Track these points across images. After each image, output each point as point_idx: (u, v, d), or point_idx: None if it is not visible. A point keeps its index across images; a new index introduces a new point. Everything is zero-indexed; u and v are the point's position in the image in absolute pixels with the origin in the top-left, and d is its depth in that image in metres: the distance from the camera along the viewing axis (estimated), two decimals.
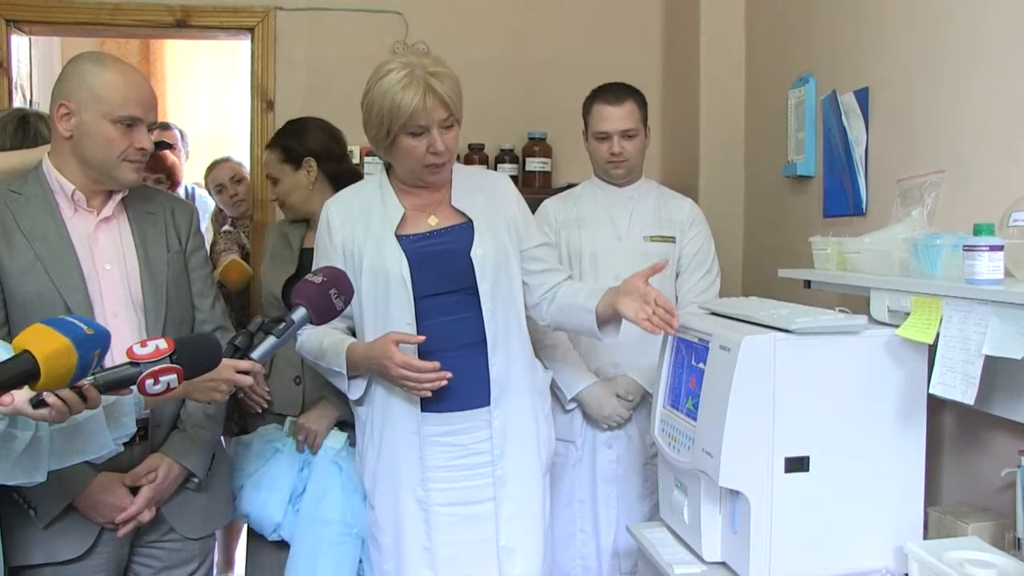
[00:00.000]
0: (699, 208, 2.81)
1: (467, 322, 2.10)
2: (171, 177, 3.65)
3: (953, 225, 1.86)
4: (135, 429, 1.61)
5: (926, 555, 1.62)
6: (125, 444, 1.69)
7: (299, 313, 1.93)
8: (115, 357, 1.47)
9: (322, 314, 1.96)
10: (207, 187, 3.85)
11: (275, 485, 2.41)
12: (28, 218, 1.89)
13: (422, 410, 2.10)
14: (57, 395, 1.39)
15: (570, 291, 2.20)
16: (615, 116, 2.66)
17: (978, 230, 1.61)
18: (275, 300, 2.56)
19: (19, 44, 3.47)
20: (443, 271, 2.10)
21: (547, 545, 2.22)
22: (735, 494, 1.80)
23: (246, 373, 1.82)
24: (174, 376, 1.43)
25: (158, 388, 1.42)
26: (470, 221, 2.14)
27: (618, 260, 2.67)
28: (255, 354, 1.85)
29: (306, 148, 2.59)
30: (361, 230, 2.14)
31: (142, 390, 1.41)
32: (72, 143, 1.89)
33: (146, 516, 1.98)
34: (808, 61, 2.71)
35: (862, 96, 2.35)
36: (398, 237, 2.11)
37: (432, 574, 2.12)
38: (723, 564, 1.88)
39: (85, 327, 1.30)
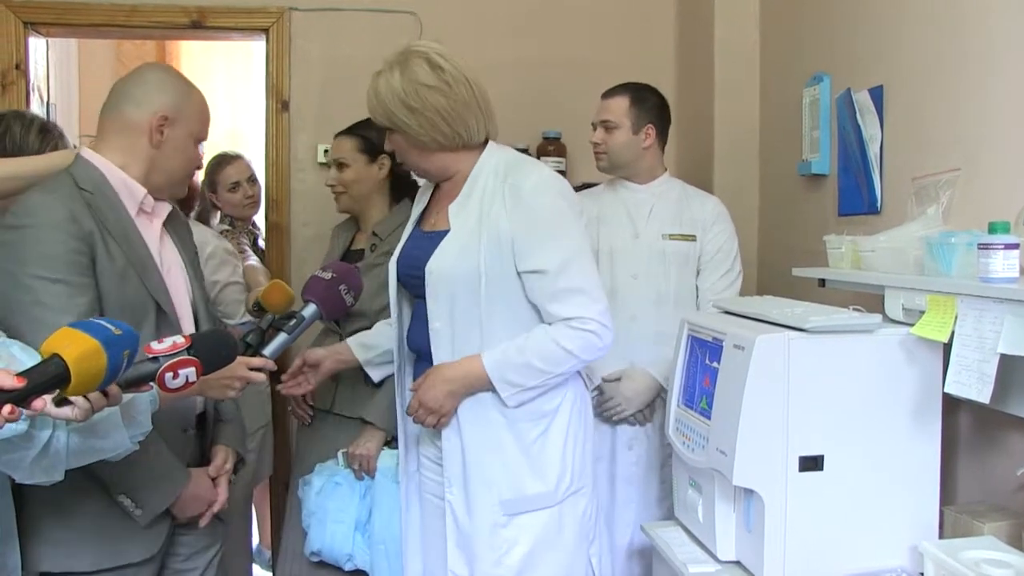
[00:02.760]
0: (723, 207, 2.78)
1: (426, 333, 1.98)
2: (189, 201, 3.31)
3: (968, 223, 1.85)
4: (151, 427, 1.62)
5: (942, 555, 1.62)
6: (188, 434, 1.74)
7: (309, 309, 1.96)
8: None
9: (332, 309, 1.98)
10: (214, 184, 3.51)
11: (339, 517, 2.39)
12: (111, 221, 1.82)
13: None
14: None
15: None
16: (600, 107, 2.71)
17: (993, 228, 1.61)
18: None
19: (36, 46, 3.48)
20: (413, 276, 2.01)
21: None
22: (749, 493, 1.80)
23: (259, 370, 1.83)
24: (192, 369, 1.43)
25: (177, 382, 1.41)
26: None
27: (634, 258, 2.68)
28: (267, 351, 1.88)
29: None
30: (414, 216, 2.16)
31: (161, 385, 1.41)
32: (158, 153, 1.87)
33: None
34: (822, 59, 2.70)
35: (876, 94, 2.34)
36: (416, 231, 2.10)
37: (418, 549, 2.13)
38: (737, 563, 1.88)
39: (113, 328, 1.27)
